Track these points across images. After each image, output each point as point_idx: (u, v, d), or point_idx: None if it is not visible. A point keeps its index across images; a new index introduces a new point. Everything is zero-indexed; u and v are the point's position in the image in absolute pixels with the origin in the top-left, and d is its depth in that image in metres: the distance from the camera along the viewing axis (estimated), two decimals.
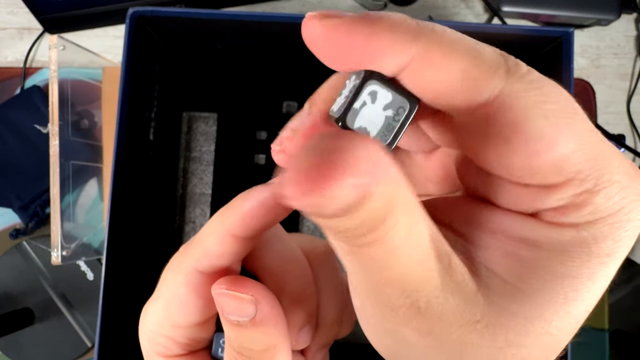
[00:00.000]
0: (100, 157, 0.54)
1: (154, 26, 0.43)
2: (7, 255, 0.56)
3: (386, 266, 0.12)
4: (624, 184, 0.12)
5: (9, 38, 0.60)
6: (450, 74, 0.12)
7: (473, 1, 0.60)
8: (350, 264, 0.12)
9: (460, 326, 0.12)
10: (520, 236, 0.13)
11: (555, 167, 0.12)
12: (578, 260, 0.12)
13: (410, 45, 0.12)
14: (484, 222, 0.13)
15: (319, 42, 0.12)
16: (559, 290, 0.12)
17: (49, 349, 0.54)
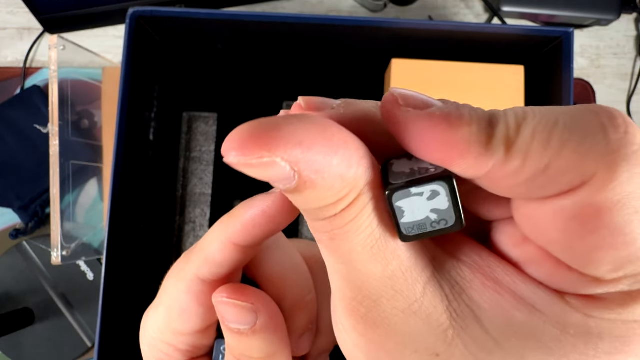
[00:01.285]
0: (100, 157, 0.54)
1: (154, 26, 0.43)
2: (7, 255, 0.56)
3: (348, 263, 0.12)
4: None
5: (9, 38, 0.60)
6: (523, 178, 0.11)
7: (473, 1, 0.60)
8: (325, 259, 0.13)
9: (416, 351, 0.12)
10: (525, 299, 0.12)
11: (620, 265, 0.11)
12: (575, 346, 0.12)
13: (489, 159, 0.11)
14: (492, 269, 0.13)
15: (400, 127, 0.12)
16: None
17: (49, 349, 0.54)
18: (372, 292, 0.12)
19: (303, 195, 0.11)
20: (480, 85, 0.42)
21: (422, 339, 0.12)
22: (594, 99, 0.59)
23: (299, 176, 0.11)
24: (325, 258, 0.13)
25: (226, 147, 0.12)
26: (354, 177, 0.11)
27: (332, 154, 0.11)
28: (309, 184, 0.11)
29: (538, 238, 0.12)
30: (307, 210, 0.12)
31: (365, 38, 0.43)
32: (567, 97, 0.40)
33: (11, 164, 0.55)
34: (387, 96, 0.12)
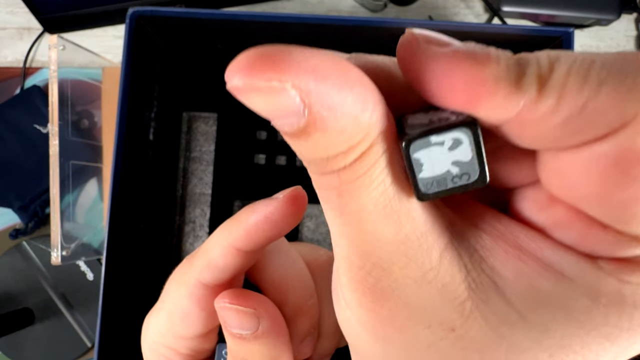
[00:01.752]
0: (100, 157, 0.54)
1: (154, 26, 0.43)
2: (6, 255, 0.56)
3: (356, 223, 0.11)
4: None
5: (8, 38, 0.60)
6: (558, 120, 0.10)
7: (473, 1, 0.60)
8: (331, 222, 0.12)
9: (429, 326, 0.11)
10: (553, 265, 0.11)
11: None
12: (608, 318, 0.11)
13: (520, 97, 0.10)
14: (515, 236, 0.12)
15: (421, 67, 0.11)
16: (564, 335, 0.11)
17: (49, 349, 0.54)
18: (383, 259, 0.11)
19: (311, 138, 0.10)
20: None
21: (436, 313, 0.11)
22: None
23: (309, 112, 0.10)
24: (331, 221, 0.12)
25: (231, 70, 0.10)
26: (369, 121, 0.10)
27: (348, 89, 0.10)
28: (319, 124, 0.10)
29: (569, 195, 0.11)
30: (314, 161, 0.11)
31: (365, 38, 0.43)
32: None
33: (11, 163, 0.55)
34: (405, 36, 0.11)
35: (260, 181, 0.47)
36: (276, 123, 0.10)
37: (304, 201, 0.15)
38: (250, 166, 0.47)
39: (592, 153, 0.10)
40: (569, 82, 0.10)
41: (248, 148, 0.47)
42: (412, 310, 0.11)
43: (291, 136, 0.10)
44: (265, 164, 0.47)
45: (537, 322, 0.11)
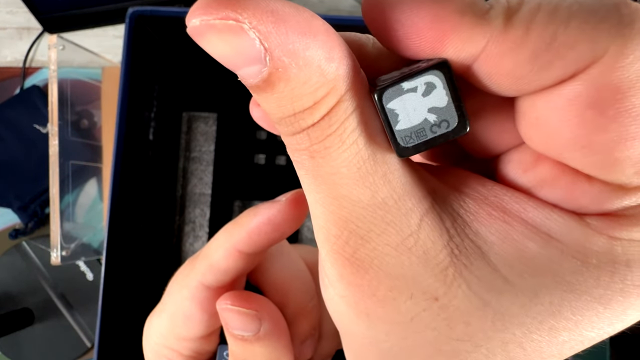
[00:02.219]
0: (100, 157, 0.54)
1: (154, 26, 0.43)
2: (6, 255, 0.56)
3: (332, 187, 0.10)
4: None
5: (8, 38, 0.60)
6: (523, 57, 0.10)
7: None
8: (305, 189, 0.11)
9: (411, 297, 0.10)
10: (539, 226, 0.11)
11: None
12: (599, 279, 0.10)
13: (486, 30, 0.10)
14: (499, 198, 0.11)
15: (385, 15, 0.10)
16: (553, 301, 0.10)
17: (49, 349, 0.54)
18: (360, 226, 0.10)
19: (275, 90, 0.10)
20: None
21: (418, 282, 0.10)
22: None
23: (270, 57, 0.09)
24: (307, 189, 0.11)
25: (191, 11, 0.10)
26: (335, 73, 0.10)
27: (311, 36, 0.09)
28: (282, 72, 0.09)
29: (550, 146, 0.10)
30: (282, 120, 0.10)
31: None
32: None
33: (10, 163, 0.55)
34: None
35: (260, 181, 0.47)
36: (241, 74, 0.10)
37: (306, 204, 0.13)
38: (250, 166, 0.47)
39: (566, 95, 0.10)
40: (537, 14, 0.09)
41: (248, 148, 0.47)
42: (393, 280, 0.10)
43: (256, 89, 0.10)
44: (265, 164, 0.47)
45: (525, 287, 0.10)
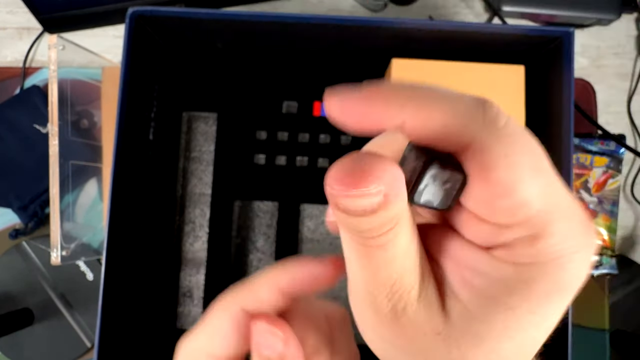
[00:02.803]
0: (100, 157, 0.54)
1: (154, 26, 0.43)
2: (6, 255, 0.56)
3: (383, 268, 0.15)
4: (569, 235, 0.14)
5: (8, 38, 0.60)
6: (435, 127, 0.14)
7: (473, 1, 0.60)
8: (354, 264, 0.16)
9: (425, 334, 0.15)
10: (475, 267, 0.15)
11: (510, 211, 0.14)
12: (518, 295, 0.14)
13: (400, 110, 0.14)
14: (452, 251, 0.16)
15: (335, 116, 0.15)
16: (499, 318, 0.15)
17: (49, 349, 0.54)
18: (398, 289, 0.15)
19: (375, 215, 0.14)
20: (481, 85, 0.42)
21: (428, 323, 0.15)
22: (595, 99, 0.59)
23: (385, 199, 0.13)
24: (351, 257, 0.16)
25: (330, 179, 0.14)
26: (405, 199, 0.14)
27: (401, 179, 0.14)
28: (388, 204, 0.13)
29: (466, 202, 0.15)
30: (358, 229, 0.14)
31: (366, 38, 0.43)
32: (568, 96, 0.40)
33: (10, 163, 0.55)
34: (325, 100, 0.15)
35: (260, 181, 0.47)
36: (353, 205, 0.14)
37: (344, 269, 0.18)
38: (250, 166, 0.47)
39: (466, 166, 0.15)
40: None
41: (248, 148, 0.47)
42: (414, 324, 0.15)
43: (356, 214, 0.14)
44: (265, 164, 0.47)
45: (481, 314, 0.15)
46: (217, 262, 0.46)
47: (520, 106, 0.42)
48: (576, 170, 0.55)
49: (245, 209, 0.49)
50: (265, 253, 0.49)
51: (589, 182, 0.55)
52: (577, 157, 0.55)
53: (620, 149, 0.55)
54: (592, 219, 0.55)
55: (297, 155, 0.47)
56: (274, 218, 0.49)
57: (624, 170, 0.57)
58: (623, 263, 0.56)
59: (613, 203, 0.55)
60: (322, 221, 0.49)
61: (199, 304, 0.48)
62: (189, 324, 0.48)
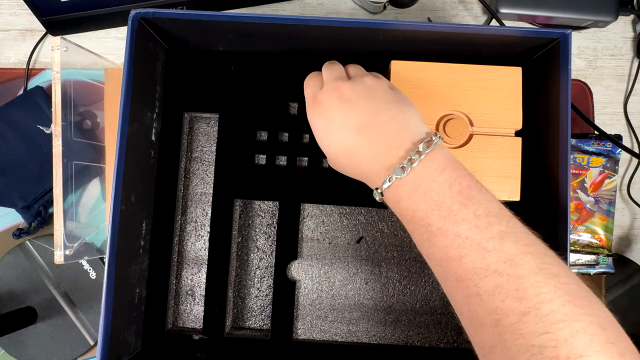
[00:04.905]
0: (103, 157, 0.55)
1: (156, 28, 0.44)
2: (10, 254, 0.56)
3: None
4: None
5: (11, 39, 0.60)
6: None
7: (471, 3, 0.61)
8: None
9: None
10: None
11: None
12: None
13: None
14: None
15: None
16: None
17: (52, 348, 0.55)
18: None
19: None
20: (479, 87, 0.42)
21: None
22: (592, 100, 0.59)
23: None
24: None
25: None
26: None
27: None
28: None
29: None
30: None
31: (365, 40, 0.44)
32: (565, 98, 0.41)
33: (14, 164, 0.56)
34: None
35: (260, 181, 0.48)
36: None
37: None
38: (251, 166, 0.48)
39: None
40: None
41: (249, 148, 0.48)
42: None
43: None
44: (266, 164, 0.48)
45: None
46: (218, 261, 0.47)
47: (518, 107, 0.42)
48: (573, 170, 0.56)
49: (246, 209, 0.49)
50: (265, 252, 0.49)
51: (586, 182, 0.56)
52: (574, 158, 0.56)
53: (617, 149, 0.56)
54: (589, 219, 0.55)
55: (297, 156, 0.48)
56: (275, 217, 0.49)
57: (620, 170, 0.58)
58: (619, 262, 0.57)
59: (609, 203, 0.56)
60: (323, 220, 0.49)
61: (200, 302, 0.48)
62: (191, 323, 0.48)
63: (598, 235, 0.55)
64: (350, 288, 0.49)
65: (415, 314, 0.48)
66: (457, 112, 0.42)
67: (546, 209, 0.42)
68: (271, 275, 0.49)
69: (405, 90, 0.42)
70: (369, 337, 0.48)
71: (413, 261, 0.49)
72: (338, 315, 0.48)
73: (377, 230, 0.49)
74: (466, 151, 0.42)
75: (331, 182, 0.48)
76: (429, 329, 0.48)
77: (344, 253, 0.49)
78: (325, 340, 0.48)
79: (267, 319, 0.48)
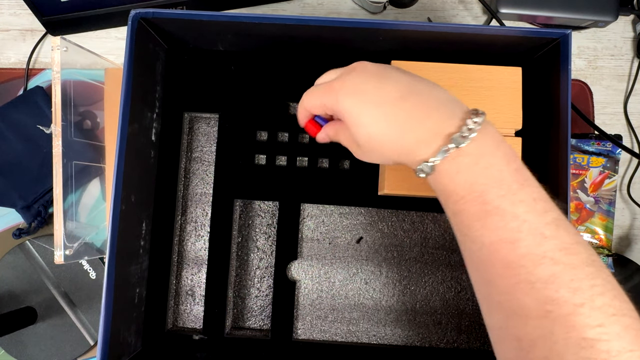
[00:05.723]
0: (103, 157, 0.55)
1: (156, 28, 0.44)
2: (10, 254, 0.56)
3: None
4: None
5: (12, 39, 0.60)
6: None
7: (471, 3, 0.61)
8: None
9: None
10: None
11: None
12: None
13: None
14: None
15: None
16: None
17: (52, 348, 0.55)
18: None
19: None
20: (479, 87, 0.42)
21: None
22: (592, 100, 0.59)
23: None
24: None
25: None
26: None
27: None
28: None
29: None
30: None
31: (365, 40, 0.44)
32: (565, 98, 0.41)
33: (14, 164, 0.56)
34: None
35: (260, 181, 0.48)
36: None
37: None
38: (251, 166, 0.48)
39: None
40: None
41: (249, 148, 0.48)
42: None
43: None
44: (266, 164, 0.48)
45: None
46: (218, 261, 0.47)
47: (518, 107, 0.42)
48: (573, 170, 0.56)
49: (246, 209, 0.50)
50: (265, 252, 0.49)
51: (586, 182, 0.56)
52: (574, 158, 0.56)
53: (617, 149, 0.56)
54: (589, 219, 0.55)
55: (297, 156, 0.48)
56: (275, 217, 0.49)
57: (620, 170, 0.58)
58: (619, 262, 0.57)
59: (609, 203, 0.56)
60: (323, 220, 0.49)
61: (200, 302, 0.48)
62: (191, 323, 0.48)
63: (598, 235, 0.55)
64: (350, 288, 0.49)
65: (415, 314, 0.48)
66: None
67: None
68: (271, 275, 0.49)
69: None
70: (369, 337, 0.48)
71: (413, 261, 0.49)
72: (338, 315, 0.48)
73: (377, 230, 0.49)
74: None
75: (331, 182, 0.48)
76: (429, 329, 0.48)
77: (344, 253, 0.49)
78: (325, 340, 0.48)
79: (267, 319, 0.48)
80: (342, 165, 0.48)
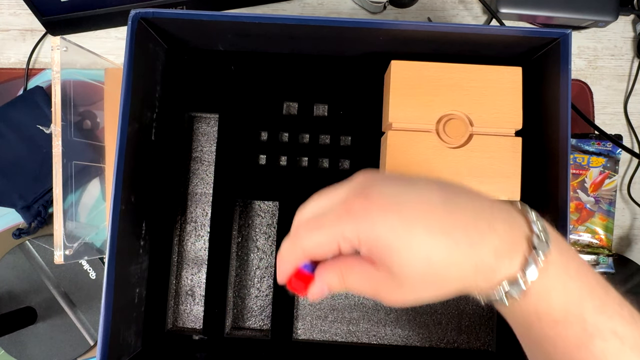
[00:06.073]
0: (103, 157, 0.55)
1: (156, 28, 0.44)
2: (10, 254, 0.56)
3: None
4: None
5: (11, 39, 0.60)
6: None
7: (471, 3, 0.61)
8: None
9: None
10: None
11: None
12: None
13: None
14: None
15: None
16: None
17: (52, 348, 0.55)
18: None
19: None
20: (479, 87, 0.42)
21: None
22: (592, 100, 0.59)
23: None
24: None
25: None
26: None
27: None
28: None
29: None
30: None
31: (365, 40, 0.44)
32: (565, 98, 0.41)
33: (14, 164, 0.56)
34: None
35: (261, 181, 0.48)
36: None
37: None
38: (251, 166, 0.48)
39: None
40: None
41: (249, 148, 0.48)
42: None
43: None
44: (266, 164, 0.48)
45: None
46: (218, 261, 0.47)
47: (518, 107, 0.42)
48: (573, 170, 0.56)
49: (246, 209, 0.49)
50: (265, 252, 0.49)
51: (586, 182, 0.56)
52: (574, 158, 0.56)
53: (617, 149, 0.56)
54: (589, 219, 0.55)
55: (297, 156, 0.48)
56: (275, 217, 0.49)
57: (620, 170, 0.58)
58: (620, 262, 0.57)
59: (610, 203, 0.56)
60: None
61: (200, 302, 0.48)
62: (191, 323, 0.48)
63: (598, 235, 0.55)
64: None
65: (415, 314, 0.48)
66: (457, 112, 0.42)
67: (546, 209, 0.42)
68: (271, 275, 0.49)
69: (405, 90, 0.42)
70: (369, 337, 0.48)
71: None
72: (338, 315, 0.48)
73: None
74: (466, 151, 0.42)
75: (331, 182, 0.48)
76: (429, 329, 0.48)
77: None
78: (325, 340, 0.48)
79: (267, 319, 0.48)
80: (342, 165, 0.48)
